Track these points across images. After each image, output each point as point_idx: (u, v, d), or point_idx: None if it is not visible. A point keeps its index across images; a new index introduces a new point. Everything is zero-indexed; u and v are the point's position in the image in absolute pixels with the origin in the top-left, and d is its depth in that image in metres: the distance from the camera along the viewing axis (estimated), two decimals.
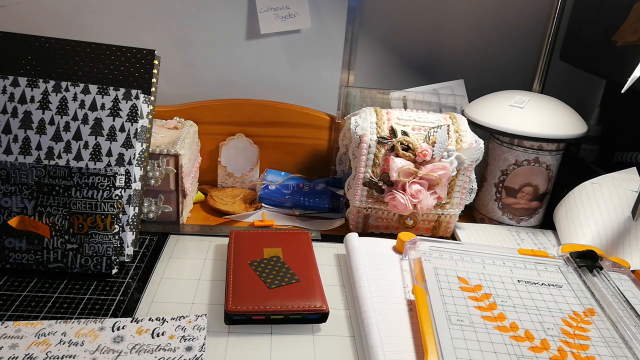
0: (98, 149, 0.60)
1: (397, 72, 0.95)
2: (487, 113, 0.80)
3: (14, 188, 0.58)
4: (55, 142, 0.60)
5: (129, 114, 0.61)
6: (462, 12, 0.93)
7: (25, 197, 0.59)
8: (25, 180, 0.58)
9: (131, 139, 0.61)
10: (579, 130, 0.77)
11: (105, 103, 0.61)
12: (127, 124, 0.61)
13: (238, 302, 0.56)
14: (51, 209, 0.59)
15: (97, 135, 0.60)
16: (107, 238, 0.60)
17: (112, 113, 0.61)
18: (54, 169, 0.58)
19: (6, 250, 0.59)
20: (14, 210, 0.59)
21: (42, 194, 0.58)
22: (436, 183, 0.71)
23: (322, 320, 0.57)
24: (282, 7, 0.87)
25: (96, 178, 0.59)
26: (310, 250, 0.67)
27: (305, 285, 0.59)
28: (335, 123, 0.90)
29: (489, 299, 0.58)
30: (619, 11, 0.75)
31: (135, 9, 0.86)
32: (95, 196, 0.59)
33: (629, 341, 0.53)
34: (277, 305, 0.56)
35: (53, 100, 0.60)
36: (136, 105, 0.61)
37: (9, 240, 0.59)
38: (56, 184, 0.58)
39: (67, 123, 0.60)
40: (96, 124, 0.60)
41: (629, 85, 0.63)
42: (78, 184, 0.58)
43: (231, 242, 0.68)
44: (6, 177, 0.58)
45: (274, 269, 0.62)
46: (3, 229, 0.59)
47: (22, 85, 0.60)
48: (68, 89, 0.61)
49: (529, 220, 0.83)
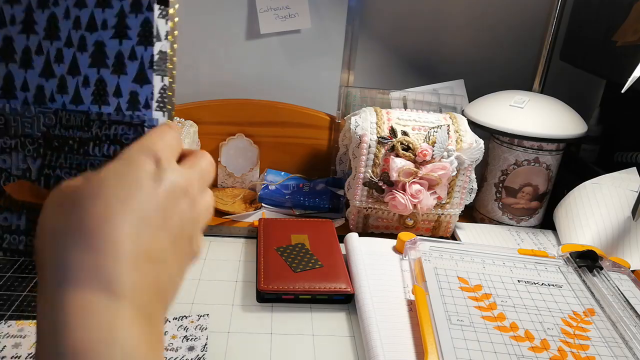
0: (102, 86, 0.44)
1: (397, 72, 0.95)
2: (487, 113, 0.80)
3: (14, 142, 0.44)
4: (46, 79, 0.44)
5: (140, 34, 0.43)
6: (462, 12, 0.93)
7: (28, 154, 0.44)
8: (30, 131, 0.44)
9: (145, 70, 0.43)
10: (579, 130, 0.77)
11: (107, 19, 0.43)
12: (140, 48, 0.43)
13: (269, 282, 0.60)
14: (61, 172, 0.44)
15: (99, 66, 0.43)
16: None
17: (118, 33, 0.43)
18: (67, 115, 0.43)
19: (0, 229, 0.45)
20: (14, 173, 0.44)
21: (50, 150, 0.44)
22: (436, 183, 0.71)
23: (347, 301, 0.61)
24: (282, 7, 0.87)
25: (119, 128, 0.43)
26: (335, 238, 0.71)
27: (330, 270, 0.63)
28: (335, 123, 0.90)
29: (489, 299, 0.58)
30: (619, 11, 0.75)
31: None
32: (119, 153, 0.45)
33: (629, 341, 0.53)
34: (305, 286, 0.60)
35: (39, 19, 0.43)
36: (149, 20, 0.43)
37: (4, 215, 0.44)
38: (69, 137, 0.43)
39: (59, 51, 0.43)
40: (97, 50, 0.43)
41: (629, 85, 0.63)
42: (97, 137, 0.43)
43: (260, 228, 0.72)
44: (4, 126, 0.43)
45: (299, 254, 0.66)
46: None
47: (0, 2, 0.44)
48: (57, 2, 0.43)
49: (529, 220, 0.83)
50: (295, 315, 0.59)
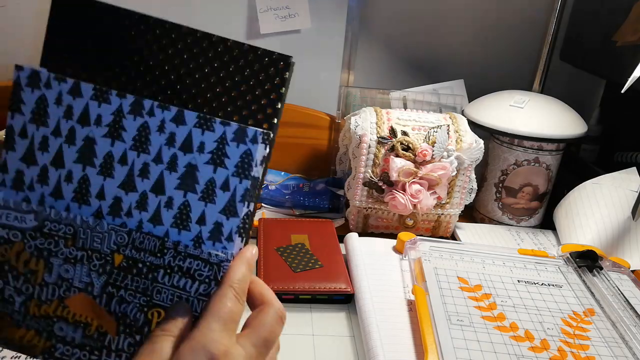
0: (186, 210, 0.40)
1: (397, 72, 0.95)
2: (487, 113, 0.80)
3: (80, 254, 0.41)
4: (126, 192, 0.40)
5: (238, 166, 0.40)
6: (462, 13, 0.93)
7: (94, 268, 0.41)
8: (99, 247, 0.41)
9: (236, 203, 0.40)
10: (579, 130, 0.77)
11: (205, 143, 0.39)
12: (234, 179, 0.40)
13: (269, 282, 0.60)
14: (126, 294, 0.40)
15: (187, 190, 0.40)
16: None
17: (215, 160, 0.40)
18: (141, 238, 0.40)
19: (54, 338, 0.41)
20: (75, 285, 0.41)
21: (118, 269, 0.41)
22: (436, 183, 0.71)
23: (347, 302, 0.61)
24: (282, 7, 0.87)
25: (194, 262, 0.40)
26: (335, 238, 0.71)
27: (330, 270, 0.63)
28: (335, 123, 0.90)
29: (489, 299, 0.58)
30: (619, 11, 0.75)
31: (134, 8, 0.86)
32: (189, 288, 0.40)
33: (629, 341, 0.53)
34: (305, 286, 0.60)
35: (129, 126, 0.40)
36: (251, 153, 0.39)
37: (60, 325, 0.41)
38: (140, 260, 0.40)
39: (145, 165, 0.40)
40: (188, 173, 0.40)
41: (629, 85, 0.63)
42: (169, 266, 0.40)
43: (260, 228, 0.72)
44: (72, 237, 0.41)
45: (299, 254, 0.66)
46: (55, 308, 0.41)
47: (86, 97, 0.40)
48: (153, 112, 0.40)
49: (529, 220, 0.83)
50: (295, 315, 0.59)
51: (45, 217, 0.41)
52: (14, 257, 0.41)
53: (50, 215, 0.41)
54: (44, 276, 0.41)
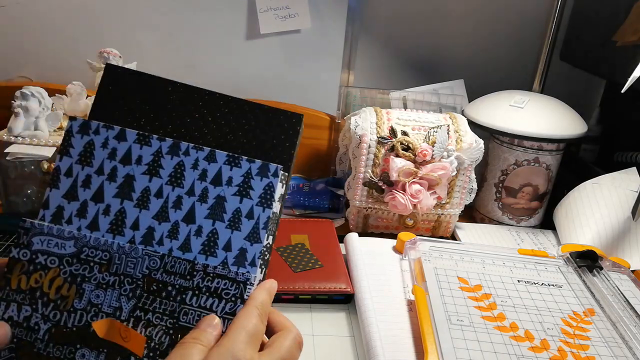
0: (214, 238, 0.44)
1: (397, 72, 0.95)
2: (487, 113, 0.80)
3: (113, 279, 0.42)
4: (159, 222, 0.44)
5: (262, 196, 0.44)
6: (462, 12, 0.93)
7: (124, 293, 0.42)
8: (132, 271, 0.43)
9: (259, 230, 0.44)
10: (579, 130, 0.77)
11: (233, 177, 0.45)
12: (258, 208, 0.44)
13: None
14: (153, 317, 0.42)
15: (215, 219, 0.44)
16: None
17: (241, 192, 0.44)
18: (172, 262, 0.43)
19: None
20: (104, 310, 0.42)
21: (147, 292, 0.42)
22: (436, 183, 0.71)
23: (347, 301, 0.61)
24: (282, 7, 0.87)
25: (222, 282, 0.42)
26: (335, 238, 0.71)
27: (330, 270, 0.64)
28: (335, 123, 0.90)
29: (489, 299, 0.58)
30: (619, 11, 0.75)
31: (134, 9, 0.86)
32: (215, 307, 0.42)
33: (629, 341, 0.53)
34: (305, 286, 0.60)
35: (166, 164, 0.45)
36: (273, 185, 0.44)
37: (82, 351, 0.42)
38: (170, 283, 0.42)
39: (178, 198, 0.44)
40: (217, 203, 0.44)
41: (629, 85, 0.63)
42: (198, 287, 0.42)
43: None
44: (107, 262, 0.43)
45: (299, 254, 0.66)
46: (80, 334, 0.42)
47: (130, 140, 0.45)
48: (188, 152, 0.45)
49: (529, 220, 0.83)
50: (295, 315, 0.59)
51: (84, 244, 0.43)
52: (47, 283, 0.42)
53: (89, 241, 0.43)
54: (74, 302, 0.42)
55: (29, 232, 0.43)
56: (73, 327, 0.42)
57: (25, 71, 0.88)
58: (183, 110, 0.47)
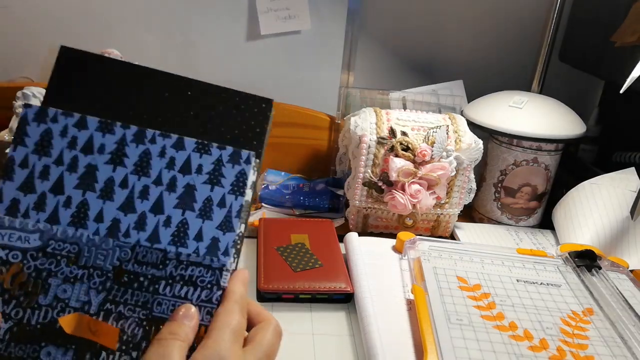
0: (184, 228, 0.42)
1: (397, 73, 0.96)
2: (486, 113, 0.80)
3: (82, 272, 0.40)
4: (125, 213, 0.42)
5: (234, 184, 0.43)
6: (461, 13, 0.93)
7: (93, 286, 0.40)
8: (102, 264, 0.41)
9: (232, 218, 0.42)
10: (577, 131, 0.78)
11: (203, 165, 0.43)
12: (230, 196, 0.42)
13: (269, 281, 0.61)
14: (124, 309, 0.40)
15: (185, 208, 0.42)
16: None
17: (212, 180, 0.43)
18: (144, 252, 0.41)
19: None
20: (72, 305, 0.40)
21: (118, 284, 0.41)
22: (435, 183, 0.71)
23: (347, 301, 0.62)
24: (282, 8, 0.87)
25: (197, 270, 0.41)
26: (334, 237, 0.71)
27: (330, 269, 0.64)
28: (335, 123, 0.90)
29: (488, 299, 0.59)
30: (618, 12, 0.75)
31: (135, 9, 0.86)
32: (190, 296, 0.40)
33: (627, 340, 0.54)
34: (305, 285, 0.61)
35: (131, 153, 0.42)
36: (245, 173, 0.43)
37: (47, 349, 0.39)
38: (141, 273, 0.41)
39: (145, 188, 0.42)
40: (187, 193, 0.42)
41: (627, 86, 0.63)
42: (171, 276, 0.41)
43: (260, 228, 0.72)
44: (76, 255, 0.40)
45: (299, 254, 0.66)
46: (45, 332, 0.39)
47: (91, 128, 0.42)
48: (155, 140, 0.42)
49: (527, 220, 0.83)
50: (295, 314, 0.59)
51: (50, 237, 0.40)
52: (9, 279, 0.39)
53: (56, 234, 0.40)
54: (39, 298, 0.39)
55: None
56: (37, 324, 0.39)
57: (26, 72, 0.88)
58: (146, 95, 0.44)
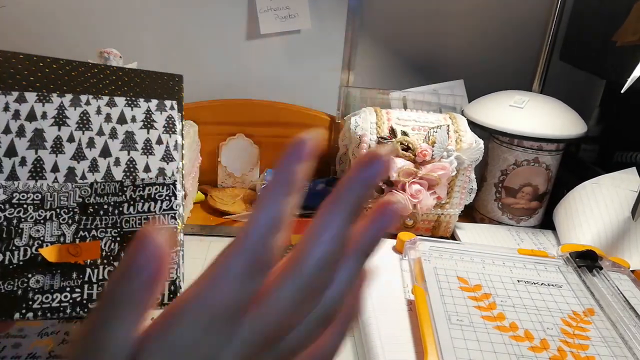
0: (132, 164, 0.49)
1: (397, 73, 0.95)
2: (486, 113, 0.80)
3: (49, 214, 0.46)
4: (78, 161, 0.48)
5: (165, 126, 0.51)
6: (462, 13, 0.93)
7: (63, 222, 0.46)
8: (65, 203, 0.46)
9: (171, 151, 0.50)
10: (578, 131, 0.77)
11: (136, 115, 0.50)
12: (165, 135, 0.51)
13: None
14: (97, 232, 0.46)
15: (129, 149, 0.49)
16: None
17: (146, 125, 0.50)
18: (102, 186, 0.47)
19: (30, 292, 0.43)
20: (47, 240, 0.45)
21: (85, 215, 0.46)
22: (436, 183, 0.71)
23: None
24: (282, 8, 0.87)
25: (153, 188, 0.48)
26: None
27: None
28: (335, 123, 0.90)
29: (489, 299, 0.58)
30: (619, 11, 0.75)
31: (135, 9, 0.86)
32: (153, 208, 0.47)
33: (628, 341, 0.54)
34: None
35: (71, 115, 0.49)
36: (172, 116, 0.51)
37: (36, 278, 0.43)
38: (104, 202, 0.47)
39: (90, 139, 0.48)
40: (127, 137, 0.49)
41: (628, 85, 0.63)
42: (132, 198, 0.47)
43: None
44: (40, 201, 0.46)
45: None
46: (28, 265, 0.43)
47: (31, 101, 0.48)
48: (89, 102, 0.49)
49: (528, 220, 0.83)
50: None
51: (14, 190, 0.45)
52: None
53: (18, 187, 0.45)
54: (14, 241, 0.44)
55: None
56: (19, 262, 0.43)
57: None
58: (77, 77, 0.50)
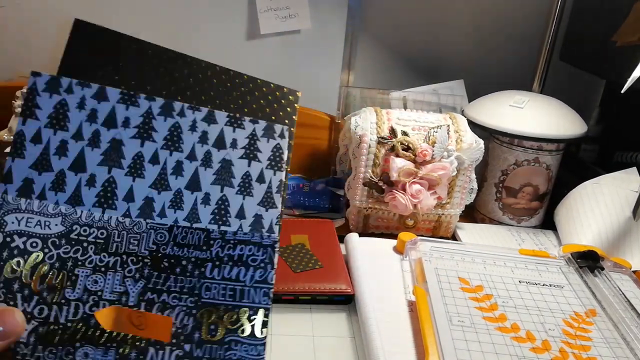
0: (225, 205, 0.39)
1: (397, 72, 0.95)
2: (487, 113, 0.80)
3: (113, 260, 0.36)
4: (158, 191, 0.38)
5: (271, 159, 0.40)
6: (462, 12, 0.93)
7: (129, 274, 0.36)
8: (135, 249, 0.36)
9: (273, 194, 0.40)
10: (578, 131, 0.77)
11: (237, 139, 0.40)
12: (268, 171, 0.40)
13: None
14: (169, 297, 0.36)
15: (224, 184, 0.39)
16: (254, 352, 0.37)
17: (248, 154, 0.40)
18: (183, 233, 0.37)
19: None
20: (106, 297, 0.35)
21: (157, 270, 0.36)
22: (436, 183, 0.71)
23: (347, 302, 0.61)
24: (282, 8, 0.86)
25: (246, 248, 0.38)
26: (335, 238, 0.71)
27: (330, 270, 0.63)
28: (335, 123, 0.89)
29: (490, 300, 0.58)
30: (619, 11, 0.75)
31: (134, 9, 0.85)
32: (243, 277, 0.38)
33: (630, 342, 0.53)
34: (305, 286, 0.60)
35: (160, 127, 0.38)
36: (281, 147, 0.41)
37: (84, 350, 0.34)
38: (183, 256, 0.37)
39: (178, 163, 0.38)
40: (223, 168, 0.39)
41: (628, 85, 0.62)
42: (218, 257, 0.37)
43: None
44: (105, 241, 0.36)
45: (299, 255, 0.65)
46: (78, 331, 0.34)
47: (112, 100, 0.38)
48: (184, 113, 0.39)
49: (529, 220, 0.83)
50: (295, 316, 0.59)
51: (74, 221, 0.36)
52: (28, 271, 0.35)
53: (80, 217, 0.36)
54: (66, 292, 0.35)
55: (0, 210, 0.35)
56: (67, 322, 0.34)
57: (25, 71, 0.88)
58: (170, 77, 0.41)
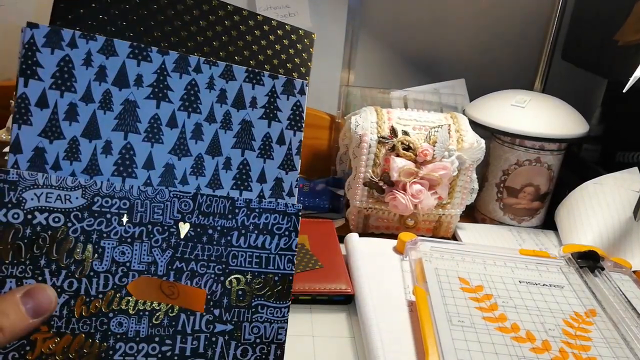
0: (246, 169, 0.37)
1: (398, 72, 0.95)
2: (488, 113, 0.80)
3: (139, 230, 0.35)
4: (179, 157, 0.36)
5: (290, 118, 0.38)
6: (463, 12, 0.92)
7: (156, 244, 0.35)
8: (160, 218, 0.35)
9: (293, 156, 0.38)
10: (580, 130, 0.77)
11: (257, 97, 0.37)
12: (289, 132, 0.38)
13: None
14: (197, 266, 0.36)
15: (244, 147, 0.37)
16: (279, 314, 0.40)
17: (268, 114, 0.38)
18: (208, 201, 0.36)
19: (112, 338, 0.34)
20: (135, 268, 0.35)
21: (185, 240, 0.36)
22: (437, 183, 0.71)
23: (347, 302, 0.61)
24: (282, 6, 0.86)
25: (271, 217, 0.37)
26: (335, 238, 0.70)
27: (330, 270, 0.63)
28: (335, 123, 0.89)
29: (490, 300, 0.58)
30: (621, 10, 0.74)
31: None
32: (269, 245, 0.37)
33: (630, 342, 0.53)
34: (305, 286, 0.60)
35: (175, 85, 0.35)
36: (301, 105, 0.38)
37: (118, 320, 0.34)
38: (209, 225, 0.36)
39: (197, 126, 0.36)
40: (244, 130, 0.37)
41: (630, 85, 0.62)
42: (244, 226, 0.37)
43: None
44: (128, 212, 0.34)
45: (299, 255, 0.64)
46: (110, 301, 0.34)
47: (122, 55, 0.34)
48: (200, 68, 0.36)
49: (530, 220, 0.82)
50: (294, 316, 0.59)
51: (95, 192, 0.34)
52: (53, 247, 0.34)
53: (101, 189, 0.34)
54: (94, 265, 0.34)
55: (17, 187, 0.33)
56: (99, 294, 0.34)
57: None
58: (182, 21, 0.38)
